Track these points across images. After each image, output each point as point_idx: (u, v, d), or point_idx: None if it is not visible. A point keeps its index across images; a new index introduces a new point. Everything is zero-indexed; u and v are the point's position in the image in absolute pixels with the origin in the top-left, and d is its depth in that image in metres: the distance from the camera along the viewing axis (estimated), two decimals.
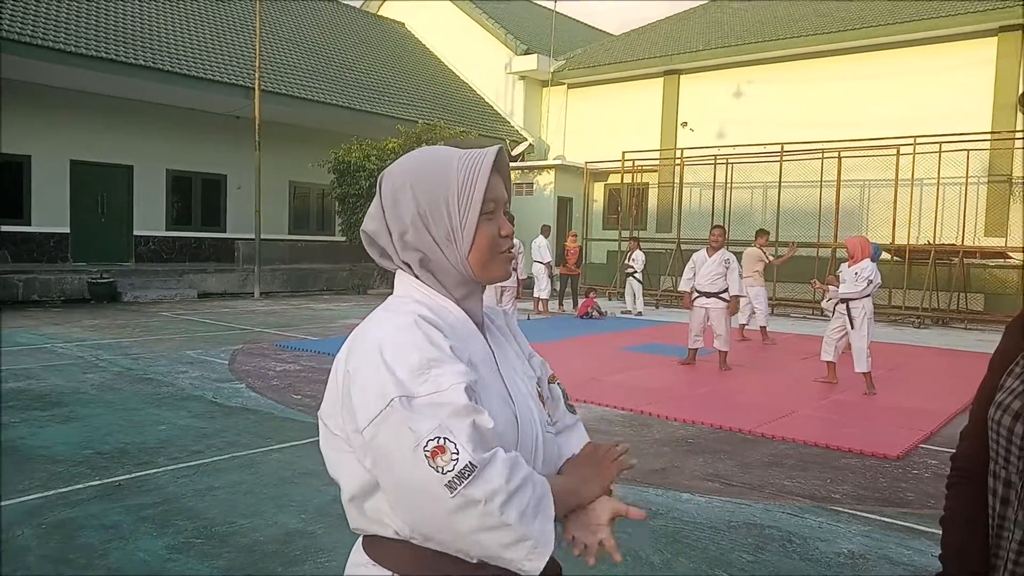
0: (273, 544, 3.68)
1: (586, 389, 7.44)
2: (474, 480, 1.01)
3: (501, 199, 1.25)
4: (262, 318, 12.78)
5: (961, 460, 1.24)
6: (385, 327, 1.14)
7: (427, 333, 1.11)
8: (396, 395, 1.05)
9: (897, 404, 7.19)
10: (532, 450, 1.22)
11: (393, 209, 1.23)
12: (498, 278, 1.26)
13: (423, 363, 1.08)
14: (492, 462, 1.04)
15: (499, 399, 1.18)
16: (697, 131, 19.86)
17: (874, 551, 3.80)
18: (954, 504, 1.23)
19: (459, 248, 1.21)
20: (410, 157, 1.26)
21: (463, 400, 1.06)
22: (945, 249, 14.76)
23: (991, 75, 15.87)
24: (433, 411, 1.05)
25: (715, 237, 9.00)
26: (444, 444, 1.02)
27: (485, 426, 1.06)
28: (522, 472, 1.06)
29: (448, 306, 1.23)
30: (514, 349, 1.36)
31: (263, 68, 16.30)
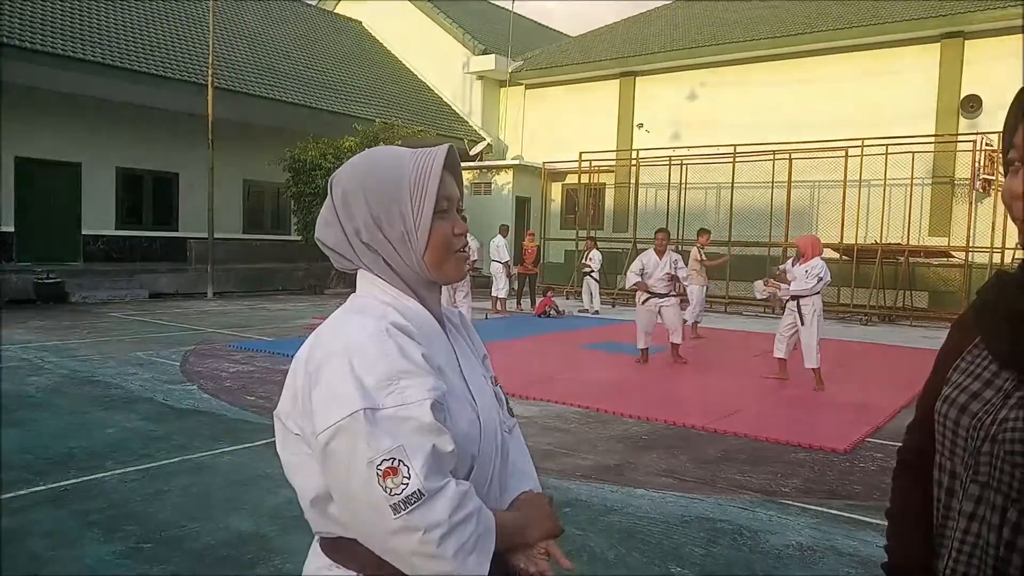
0: (225, 548, 3.63)
1: (543, 387, 7.48)
2: (419, 508, 1.02)
3: (454, 197, 1.25)
4: (215, 319, 12.57)
5: (907, 453, 1.26)
6: (355, 332, 1.12)
7: (399, 343, 1.10)
8: (361, 407, 1.04)
9: (845, 399, 7.37)
10: (494, 447, 1.22)
11: (346, 213, 1.21)
12: (454, 278, 1.26)
13: (392, 374, 1.07)
14: (441, 493, 1.04)
15: (463, 401, 1.18)
16: (653, 132, 20.09)
17: (822, 543, 3.90)
18: (900, 496, 1.25)
19: (414, 248, 1.20)
20: (359, 160, 1.25)
21: (428, 417, 1.05)
22: (891, 248, 15.17)
23: (935, 80, 16.37)
24: (395, 426, 1.04)
25: (659, 241, 9.20)
26: (398, 466, 1.02)
27: (444, 449, 1.06)
28: (469, 508, 1.06)
29: (414, 306, 1.22)
30: (471, 349, 1.36)
31: (217, 65, 16.02)
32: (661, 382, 8.14)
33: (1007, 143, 1.05)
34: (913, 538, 1.19)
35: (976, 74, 15.88)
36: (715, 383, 8.12)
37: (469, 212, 19.58)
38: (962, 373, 1.14)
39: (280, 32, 21.86)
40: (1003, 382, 1.07)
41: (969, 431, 1.08)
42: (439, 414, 1.08)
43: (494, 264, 15.16)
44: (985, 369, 1.11)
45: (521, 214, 21.25)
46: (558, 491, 4.51)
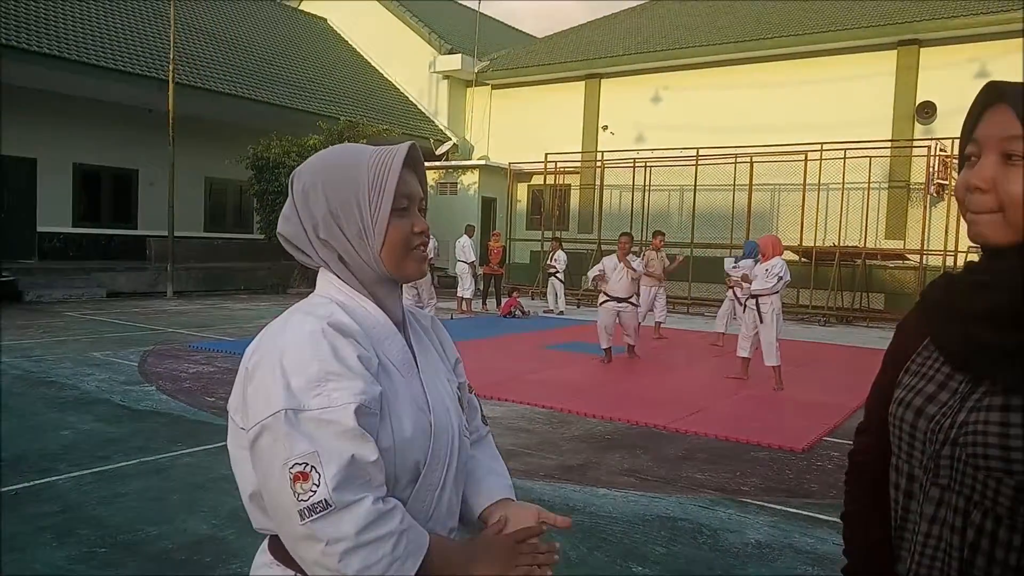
0: (182, 551, 3.58)
1: (508, 388, 7.50)
2: (324, 518, 1.01)
3: (415, 195, 1.24)
4: (175, 318, 12.36)
5: (859, 456, 1.26)
6: (292, 331, 1.12)
7: (333, 344, 1.10)
8: (284, 407, 1.04)
9: (803, 399, 7.50)
10: (447, 454, 1.21)
11: (305, 209, 1.21)
12: (413, 276, 1.25)
13: (320, 376, 1.06)
14: (351, 507, 1.02)
15: (413, 406, 1.17)
16: (617, 134, 20.24)
17: (779, 540, 3.97)
18: (854, 500, 1.25)
19: (371, 245, 1.19)
20: (320, 155, 1.24)
21: (351, 422, 1.04)
22: (849, 251, 15.48)
23: (891, 86, 16.75)
24: (316, 429, 1.04)
25: (622, 244, 9.29)
26: (309, 472, 1.01)
27: (365, 458, 1.04)
28: (386, 527, 1.03)
29: (367, 306, 1.22)
30: (437, 352, 1.35)
31: (178, 60, 15.74)
32: (625, 382, 8.20)
33: (966, 138, 1.06)
34: (872, 541, 1.19)
35: (930, 81, 16.28)
36: (677, 383, 8.20)
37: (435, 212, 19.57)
38: (914, 375, 1.14)
39: (244, 28, 21.58)
40: (958, 384, 1.07)
41: (927, 434, 1.08)
42: (365, 419, 1.06)
43: (460, 264, 15.13)
44: (938, 371, 1.11)
45: (487, 214, 21.24)
46: (521, 491, 4.50)
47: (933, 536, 1.06)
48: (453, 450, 1.22)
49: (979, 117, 1.05)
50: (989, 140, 1.02)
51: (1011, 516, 0.97)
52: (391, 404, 1.14)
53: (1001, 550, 0.99)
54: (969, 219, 1.05)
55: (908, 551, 1.11)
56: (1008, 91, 1.00)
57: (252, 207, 19.10)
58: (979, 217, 1.03)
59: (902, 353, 1.20)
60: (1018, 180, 0.98)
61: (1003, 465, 0.97)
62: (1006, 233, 1.00)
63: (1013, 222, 0.99)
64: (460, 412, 1.29)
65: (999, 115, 1.01)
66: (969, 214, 1.04)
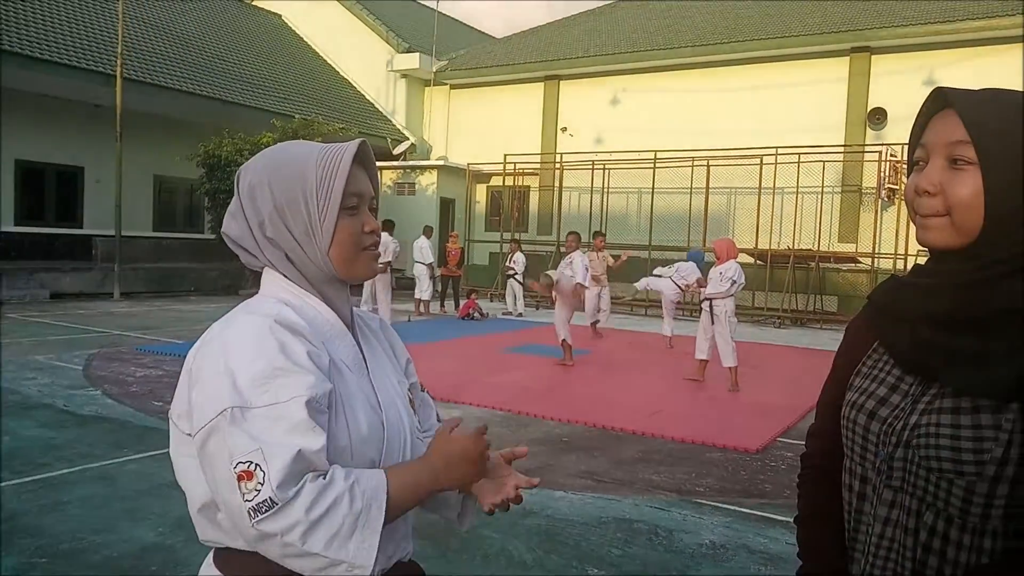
0: (127, 560, 3.47)
1: (466, 390, 7.45)
2: (271, 516, 0.99)
3: (366, 194, 1.22)
4: (122, 320, 12.03)
5: (812, 458, 1.27)
6: (238, 330, 1.10)
7: (280, 340, 1.07)
8: (230, 405, 1.02)
9: (758, 400, 7.60)
10: (399, 454, 1.20)
11: (251, 206, 1.18)
12: (362, 276, 1.23)
13: (268, 372, 1.04)
14: (295, 497, 1.00)
15: (366, 404, 1.16)
16: (576, 136, 20.32)
17: (733, 541, 3.99)
18: (807, 502, 1.26)
19: (319, 244, 1.17)
20: (268, 152, 1.22)
21: (301, 415, 1.03)
22: (803, 254, 15.76)
23: (844, 92, 17.12)
24: (262, 426, 1.02)
25: (568, 242, 9.69)
26: (253, 470, 1.00)
27: (310, 449, 1.02)
28: (332, 495, 1.02)
29: (316, 305, 1.19)
30: (387, 354, 1.34)
31: (126, 55, 15.33)
32: (583, 384, 8.21)
33: (914, 143, 1.08)
34: (827, 543, 1.20)
35: (882, 88, 16.69)
36: (635, 384, 8.24)
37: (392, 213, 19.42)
38: (865, 378, 1.15)
39: (195, 22, 21.14)
40: (908, 387, 1.09)
41: (880, 437, 1.09)
42: (316, 414, 1.05)
43: (417, 266, 15.03)
44: (888, 374, 1.12)
45: (445, 215, 21.14)
46: None
47: (886, 537, 1.08)
48: (406, 451, 1.22)
49: (927, 122, 1.07)
50: (936, 145, 1.03)
51: (962, 516, 0.99)
52: (346, 402, 1.13)
53: (953, 550, 1.01)
54: (918, 223, 1.06)
55: (862, 552, 1.12)
56: (954, 97, 1.02)
57: (203, 206, 18.70)
58: (927, 220, 1.04)
59: (852, 355, 1.21)
60: (964, 184, 1.00)
61: (954, 467, 0.99)
62: (953, 236, 1.02)
63: (959, 225, 1.01)
64: (411, 414, 1.28)
65: (946, 120, 1.03)
66: (918, 217, 1.06)
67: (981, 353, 0.99)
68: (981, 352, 0.99)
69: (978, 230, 1.00)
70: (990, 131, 0.98)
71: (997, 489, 0.96)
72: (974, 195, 0.99)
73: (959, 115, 1.00)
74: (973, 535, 0.99)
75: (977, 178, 0.99)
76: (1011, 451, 0.96)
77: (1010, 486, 0.96)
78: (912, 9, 16.96)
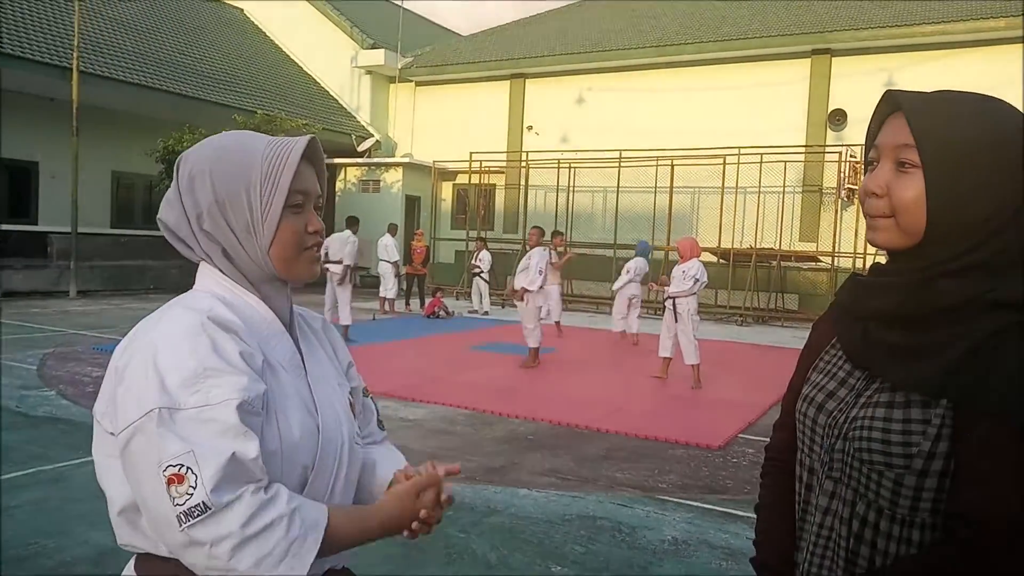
0: (83, 564, 3.39)
1: (431, 389, 7.42)
2: (204, 522, 0.95)
3: (312, 192, 1.17)
4: (78, 319, 11.77)
5: (774, 451, 1.31)
6: (168, 327, 1.05)
7: (213, 338, 1.03)
8: (157, 405, 0.98)
9: (720, 397, 7.69)
10: (335, 460, 1.16)
11: (190, 196, 1.13)
12: (303, 278, 1.19)
13: (198, 372, 1.00)
14: (232, 506, 0.96)
15: (301, 407, 1.12)
16: (542, 135, 20.34)
17: (695, 536, 4.03)
18: (767, 492, 1.30)
19: (259, 242, 1.13)
20: (212, 140, 1.16)
21: (232, 419, 0.98)
22: (765, 253, 15.98)
23: (805, 94, 17.40)
24: (193, 428, 0.97)
25: (530, 237, 9.64)
26: (185, 473, 0.95)
27: (246, 456, 0.98)
28: (273, 513, 0.98)
29: (252, 302, 1.15)
30: (328, 355, 1.30)
31: (83, 48, 14.98)
32: (547, 382, 8.23)
33: (869, 144, 1.10)
34: (778, 533, 1.23)
35: (842, 89, 16.99)
36: (599, 382, 8.28)
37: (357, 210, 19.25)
38: (820, 372, 1.19)
39: (154, 16, 20.71)
40: (855, 381, 1.12)
41: (825, 429, 1.13)
42: (248, 417, 1.01)
43: (382, 264, 14.93)
44: (840, 369, 1.16)
45: (411, 213, 21.02)
46: None
47: (826, 527, 1.12)
48: (342, 458, 1.17)
49: (881, 124, 1.09)
50: (886, 147, 1.06)
51: (892, 508, 1.03)
52: (278, 404, 1.08)
53: (883, 540, 1.04)
54: (868, 223, 1.09)
55: (806, 541, 1.16)
56: (903, 100, 1.04)
57: None
58: (874, 221, 1.07)
59: (814, 352, 1.25)
60: (908, 187, 1.02)
61: (884, 459, 1.02)
62: (899, 237, 1.05)
63: (904, 227, 1.04)
64: (351, 419, 1.24)
65: (895, 123, 1.05)
66: (868, 218, 1.08)
67: (915, 349, 1.02)
68: (915, 348, 1.02)
69: (922, 232, 1.02)
70: (935, 136, 1.00)
71: (925, 482, 0.99)
72: (917, 198, 1.01)
73: (907, 119, 1.03)
74: (902, 526, 1.02)
75: (921, 181, 1.01)
76: (939, 446, 0.99)
77: (937, 480, 0.99)
78: (871, 13, 17.30)
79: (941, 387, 0.99)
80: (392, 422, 6.21)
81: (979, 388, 0.96)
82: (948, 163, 1.00)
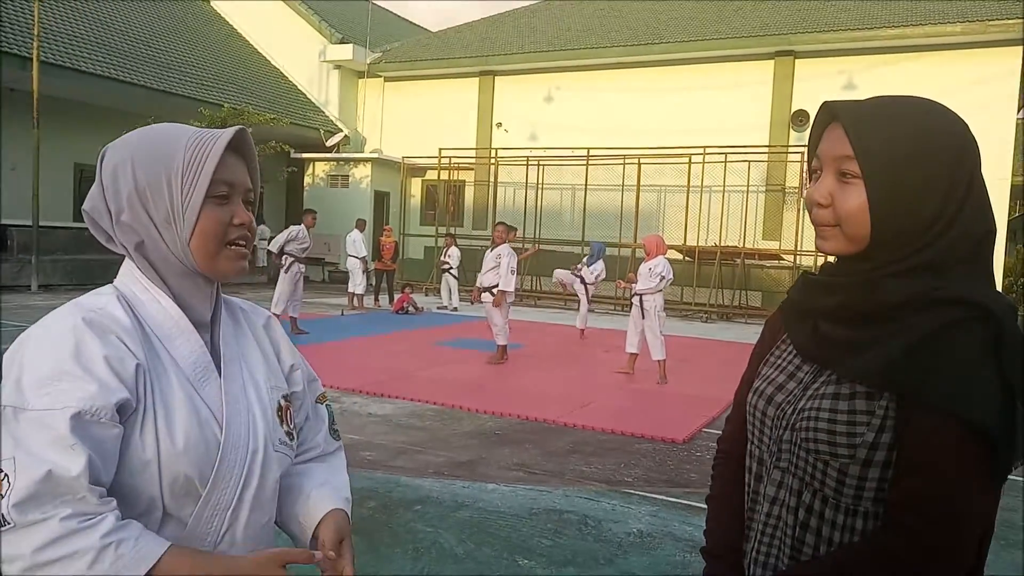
0: None
1: (399, 384, 7.44)
2: (2, 535, 0.92)
3: (240, 184, 1.14)
4: (40, 314, 11.23)
5: (725, 443, 1.34)
6: (47, 323, 1.04)
7: (80, 340, 1.00)
8: (5, 403, 0.97)
9: (685, 392, 7.82)
10: (242, 468, 1.10)
11: (112, 185, 1.10)
12: (226, 273, 1.14)
13: (53, 374, 0.97)
14: (33, 527, 0.91)
15: (191, 413, 1.06)
16: (511, 132, 20.39)
17: (660, 529, 4.12)
18: (718, 483, 1.34)
19: (179, 233, 1.09)
20: (138, 131, 1.15)
21: (63, 429, 0.94)
22: (729, 251, 16.22)
23: (769, 95, 17.67)
24: (33, 431, 0.95)
25: (497, 233, 9.48)
26: (1, 479, 0.93)
27: (65, 473, 0.93)
28: (77, 544, 0.92)
29: (161, 300, 1.12)
30: (263, 356, 1.24)
31: (43, 37, 14.67)
32: (515, 377, 8.30)
33: (811, 154, 1.14)
34: (728, 522, 1.27)
35: (804, 90, 17.28)
36: (566, 378, 8.37)
37: (326, 205, 19.14)
38: (771, 367, 1.24)
39: (118, 6, 20.33)
40: (804, 375, 1.16)
41: (774, 420, 1.17)
42: (88, 426, 0.96)
43: (351, 259, 14.86)
44: (789, 363, 1.20)
45: (380, 209, 20.94)
46: (410, 488, 4.50)
47: (773, 516, 1.16)
48: (253, 467, 1.11)
49: (821, 133, 1.12)
50: (827, 158, 1.09)
51: (836, 497, 1.07)
52: (159, 410, 1.04)
53: (827, 528, 1.08)
54: (816, 231, 1.13)
55: (754, 531, 1.20)
56: (841, 111, 1.07)
57: None
58: (822, 230, 1.11)
59: (765, 347, 1.30)
60: (851, 197, 1.05)
61: (829, 448, 1.06)
62: (845, 244, 1.09)
63: (850, 235, 1.07)
64: (275, 424, 1.18)
65: (834, 134, 1.08)
66: (815, 226, 1.12)
67: (862, 343, 1.06)
68: (862, 342, 1.06)
69: (868, 238, 1.06)
70: (874, 147, 1.03)
71: (868, 472, 1.04)
72: (860, 208, 1.05)
73: (845, 130, 1.06)
74: (846, 515, 1.06)
75: (863, 192, 1.04)
76: (882, 436, 1.03)
77: (880, 470, 1.03)
78: (833, 16, 17.62)
79: (885, 379, 1.03)
80: (360, 417, 6.23)
81: (922, 381, 0.99)
82: (888, 172, 1.02)
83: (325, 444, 1.33)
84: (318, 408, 1.34)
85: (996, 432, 0.95)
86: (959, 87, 15.25)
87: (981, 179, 1.06)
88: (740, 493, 1.26)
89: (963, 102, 15.74)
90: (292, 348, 1.32)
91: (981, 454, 0.97)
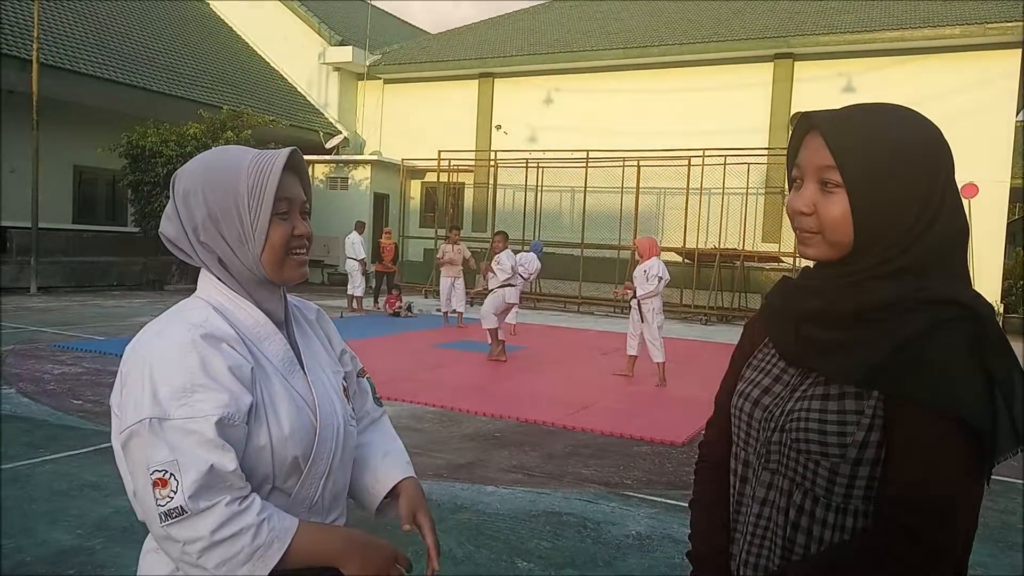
0: (42, 565, 3.35)
1: (398, 387, 7.42)
2: (180, 523, 1.08)
3: (297, 199, 1.26)
4: (39, 316, 11.54)
5: (707, 446, 1.36)
6: (165, 340, 1.15)
7: (203, 355, 1.13)
8: (149, 415, 1.09)
9: (684, 394, 7.81)
10: (332, 443, 1.26)
11: (186, 211, 1.23)
12: (292, 279, 1.28)
13: (186, 387, 1.11)
14: (206, 513, 1.08)
15: (292, 404, 1.22)
16: (511, 134, 20.40)
17: (659, 531, 4.11)
18: (701, 487, 1.34)
19: (251, 249, 1.22)
20: (201, 159, 1.26)
21: (211, 433, 1.09)
22: (729, 253, 16.21)
23: (768, 97, 17.68)
24: (178, 438, 1.09)
25: (495, 242, 10.23)
26: (168, 479, 1.08)
27: (224, 468, 1.09)
28: (242, 523, 1.09)
29: (247, 308, 1.25)
30: (323, 345, 1.39)
31: (43, 39, 14.67)
32: (514, 380, 8.29)
33: (791, 162, 1.15)
34: (713, 525, 1.27)
35: (804, 93, 17.30)
36: (566, 380, 8.36)
37: (325, 208, 19.14)
38: (754, 370, 1.25)
39: (118, 8, 20.35)
40: (790, 378, 1.18)
41: (761, 423, 1.18)
42: (228, 431, 1.12)
43: (350, 261, 14.85)
44: (774, 366, 1.22)
45: (379, 211, 20.93)
46: None
47: (763, 517, 1.16)
48: (338, 440, 1.28)
49: (800, 143, 1.13)
50: (808, 168, 1.11)
51: (827, 496, 1.08)
52: (268, 406, 1.19)
53: (818, 528, 1.09)
54: (798, 237, 1.14)
55: (741, 532, 1.21)
56: (819, 121, 1.09)
57: (126, 198, 18.03)
58: (804, 236, 1.13)
59: (746, 351, 1.31)
60: (834, 206, 1.07)
61: (820, 448, 1.08)
62: (828, 251, 1.11)
63: (832, 242, 1.10)
64: (345, 402, 1.34)
65: (814, 144, 1.10)
66: (798, 233, 1.14)
67: (848, 344, 1.08)
68: (848, 343, 1.08)
69: (850, 245, 1.08)
70: (854, 156, 1.05)
71: (859, 471, 1.06)
72: (843, 216, 1.07)
73: (824, 140, 1.07)
74: (837, 514, 1.08)
75: (845, 200, 1.06)
76: (871, 435, 1.05)
77: (870, 468, 1.05)
78: (832, 18, 17.64)
79: (873, 379, 1.04)
80: None
81: (909, 379, 1.01)
82: (870, 181, 1.05)
83: (373, 411, 1.52)
84: (361, 381, 1.51)
85: (984, 427, 0.98)
86: (958, 89, 15.28)
87: (955, 182, 1.09)
88: (724, 496, 1.26)
89: (962, 104, 15.91)
90: (338, 334, 1.49)
91: (969, 449, 0.99)
